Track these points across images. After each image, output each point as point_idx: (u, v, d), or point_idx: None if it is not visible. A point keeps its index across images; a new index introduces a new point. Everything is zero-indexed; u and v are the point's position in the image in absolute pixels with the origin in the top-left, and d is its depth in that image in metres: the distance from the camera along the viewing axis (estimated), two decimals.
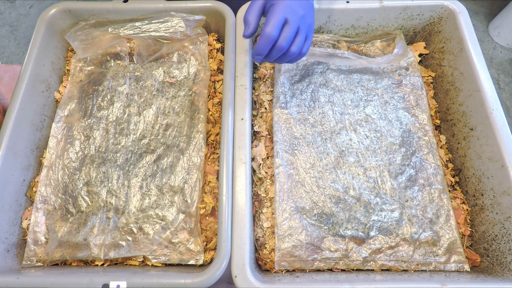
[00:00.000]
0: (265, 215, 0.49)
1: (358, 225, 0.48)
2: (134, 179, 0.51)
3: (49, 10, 0.58)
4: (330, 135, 0.54)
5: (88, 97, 0.57)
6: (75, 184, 0.51)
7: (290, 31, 0.42)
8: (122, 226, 0.48)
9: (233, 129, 0.49)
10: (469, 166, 0.52)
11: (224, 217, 0.43)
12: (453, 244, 0.48)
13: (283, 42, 0.42)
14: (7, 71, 0.71)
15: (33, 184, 0.52)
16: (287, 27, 0.42)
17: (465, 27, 0.56)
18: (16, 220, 0.50)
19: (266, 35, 0.41)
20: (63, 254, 0.47)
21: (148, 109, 0.56)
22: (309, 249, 0.47)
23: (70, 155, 0.53)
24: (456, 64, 0.56)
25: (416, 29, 0.63)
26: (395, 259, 0.47)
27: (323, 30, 0.63)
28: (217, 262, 0.41)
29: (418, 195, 0.50)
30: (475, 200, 0.51)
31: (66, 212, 0.50)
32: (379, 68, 0.61)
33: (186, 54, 0.61)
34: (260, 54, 0.43)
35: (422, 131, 0.55)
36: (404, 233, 0.48)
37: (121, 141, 0.54)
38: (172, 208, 0.49)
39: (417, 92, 0.58)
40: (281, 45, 0.42)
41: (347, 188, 0.50)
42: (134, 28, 0.58)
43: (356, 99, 0.57)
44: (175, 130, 0.54)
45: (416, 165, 0.52)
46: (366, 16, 0.60)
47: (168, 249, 0.47)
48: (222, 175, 0.46)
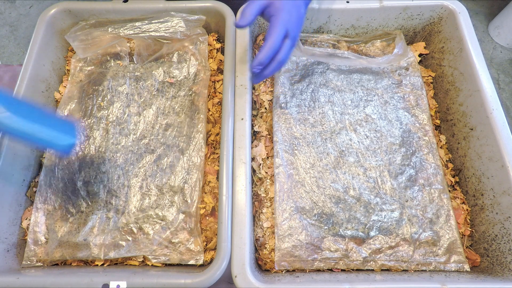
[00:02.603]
0: (265, 215, 0.49)
1: (358, 225, 0.48)
2: (134, 179, 0.51)
3: (49, 10, 0.58)
4: (330, 135, 0.54)
5: (88, 97, 0.57)
6: (75, 184, 0.51)
7: (290, 45, 0.43)
8: (122, 226, 0.48)
9: (233, 129, 0.49)
10: (469, 166, 0.52)
11: (224, 217, 0.43)
12: (453, 244, 0.48)
13: (283, 55, 0.43)
14: (7, 71, 0.71)
15: (33, 184, 0.52)
16: (287, 41, 0.42)
17: (465, 27, 0.56)
18: (16, 220, 0.50)
19: (271, 46, 0.41)
20: (63, 254, 0.47)
21: (148, 109, 0.56)
22: (309, 249, 0.47)
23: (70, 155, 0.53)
24: (456, 64, 0.56)
25: (416, 29, 0.63)
26: (395, 259, 0.47)
27: (323, 30, 0.63)
28: (217, 262, 0.41)
29: (418, 195, 0.50)
30: (475, 200, 0.51)
31: (66, 212, 0.50)
32: (379, 68, 0.61)
33: (186, 54, 0.61)
34: (261, 64, 0.43)
35: (422, 131, 0.55)
36: (404, 233, 0.48)
37: (121, 141, 0.54)
38: (172, 208, 0.49)
39: (417, 92, 0.58)
40: (281, 58, 0.43)
41: (347, 188, 0.50)
42: (134, 28, 0.58)
43: (356, 99, 0.57)
44: (175, 130, 0.54)
45: (416, 165, 0.52)
46: (366, 16, 0.60)
47: (168, 249, 0.47)
48: (222, 175, 0.46)
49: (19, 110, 0.35)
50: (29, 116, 0.36)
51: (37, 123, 0.36)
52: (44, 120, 0.38)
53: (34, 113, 0.37)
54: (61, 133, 0.38)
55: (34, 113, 0.37)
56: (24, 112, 0.36)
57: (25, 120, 0.35)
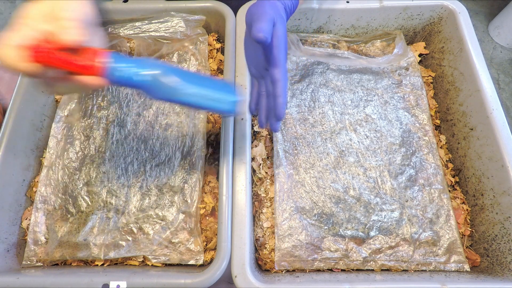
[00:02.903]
0: (265, 215, 0.49)
1: (358, 225, 0.48)
2: (134, 179, 0.51)
3: None
4: (330, 135, 0.54)
5: (88, 97, 0.57)
6: (75, 184, 0.51)
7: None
8: (122, 226, 0.48)
9: (233, 129, 0.49)
10: (469, 166, 0.52)
11: (224, 217, 0.43)
12: (453, 244, 0.48)
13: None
14: (7, 71, 0.71)
15: (33, 184, 0.52)
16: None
17: (465, 27, 0.56)
18: (16, 220, 0.50)
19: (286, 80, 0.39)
20: (63, 254, 0.47)
21: (148, 109, 0.56)
22: (309, 249, 0.47)
23: (70, 155, 0.53)
24: (456, 64, 0.56)
25: (416, 29, 0.63)
26: (395, 259, 0.47)
27: (323, 30, 0.63)
28: (217, 262, 0.41)
29: (418, 195, 0.50)
30: (475, 200, 0.51)
31: (66, 212, 0.50)
32: (379, 68, 0.61)
33: (186, 54, 0.61)
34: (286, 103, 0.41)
35: (422, 131, 0.55)
36: (404, 233, 0.48)
37: (121, 141, 0.54)
38: (172, 208, 0.49)
39: (417, 92, 0.58)
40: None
41: (347, 188, 0.50)
42: (134, 28, 0.58)
43: (356, 99, 0.57)
44: (175, 130, 0.54)
45: (416, 165, 0.52)
46: (366, 16, 0.60)
47: (168, 249, 0.47)
48: (222, 175, 0.46)
49: (187, 77, 0.36)
50: (196, 82, 0.36)
51: (205, 87, 0.37)
52: (209, 84, 0.38)
53: (198, 79, 0.37)
54: (225, 94, 0.38)
55: (198, 78, 0.38)
56: (191, 79, 0.36)
57: (195, 86, 0.36)
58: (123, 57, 0.32)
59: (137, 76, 0.32)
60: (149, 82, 0.32)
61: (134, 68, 0.32)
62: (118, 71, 0.31)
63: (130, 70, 0.31)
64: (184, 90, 0.34)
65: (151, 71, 0.32)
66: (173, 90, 0.33)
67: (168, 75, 0.33)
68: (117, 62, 0.31)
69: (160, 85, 0.33)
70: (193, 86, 0.35)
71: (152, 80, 0.32)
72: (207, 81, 0.38)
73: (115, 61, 0.31)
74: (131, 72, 0.31)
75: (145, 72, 0.32)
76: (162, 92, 0.33)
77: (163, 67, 0.33)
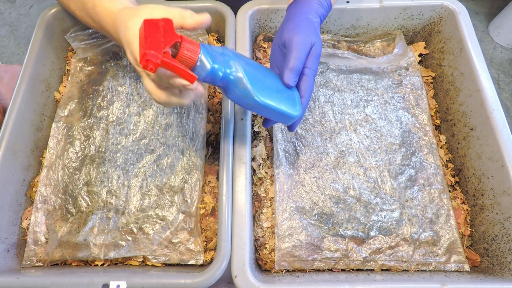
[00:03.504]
0: (265, 215, 0.49)
1: (358, 225, 0.48)
2: (134, 179, 0.51)
3: (49, 10, 0.58)
4: (330, 135, 0.54)
5: (88, 97, 0.57)
6: (75, 184, 0.51)
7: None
8: (122, 226, 0.48)
9: (233, 129, 0.49)
10: (469, 166, 0.52)
11: (224, 217, 0.43)
12: (453, 244, 0.48)
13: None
14: (7, 71, 0.71)
15: (33, 184, 0.52)
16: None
17: (465, 27, 0.56)
18: (16, 220, 0.50)
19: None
20: (63, 254, 0.47)
21: (148, 109, 0.56)
22: (309, 249, 0.47)
23: (70, 155, 0.53)
24: (456, 64, 0.56)
25: (416, 29, 0.63)
26: (395, 259, 0.47)
27: (323, 30, 0.63)
28: (217, 262, 0.41)
29: (418, 195, 0.50)
30: (475, 200, 0.51)
31: (66, 212, 0.50)
32: (379, 68, 0.61)
33: None
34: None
35: (422, 131, 0.55)
36: (404, 233, 0.48)
37: (121, 141, 0.54)
38: (172, 208, 0.49)
39: (417, 92, 0.58)
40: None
41: (347, 188, 0.50)
42: None
43: (356, 99, 0.57)
44: (175, 130, 0.54)
45: (416, 165, 0.52)
46: (366, 16, 0.60)
47: (168, 249, 0.47)
48: (222, 175, 0.46)
49: (259, 83, 0.35)
50: (268, 90, 0.35)
51: (276, 101, 0.35)
52: (278, 92, 0.36)
53: (270, 84, 0.36)
54: (290, 107, 0.36)
55: (270, 82, 0.36)
56: (263, 84, 0.35)
57: (267, 99, 0.34)
58: (211, 53, 0.33)
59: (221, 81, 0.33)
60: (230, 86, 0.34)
61: (220, 71, 0.33)
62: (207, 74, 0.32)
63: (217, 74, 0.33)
64: (255, 102, 0.34)
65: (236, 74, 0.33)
66: (245, 96, 0.34)
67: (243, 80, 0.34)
68: (206, 58, 0.32)
69: (235, 90, 0.34)
70: (265, 98, 0.34)
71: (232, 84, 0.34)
72: (278, 87, 0.37)
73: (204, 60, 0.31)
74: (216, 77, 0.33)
75: (231, 75, 0.33)
76: (235, 95, 0.34)
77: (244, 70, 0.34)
